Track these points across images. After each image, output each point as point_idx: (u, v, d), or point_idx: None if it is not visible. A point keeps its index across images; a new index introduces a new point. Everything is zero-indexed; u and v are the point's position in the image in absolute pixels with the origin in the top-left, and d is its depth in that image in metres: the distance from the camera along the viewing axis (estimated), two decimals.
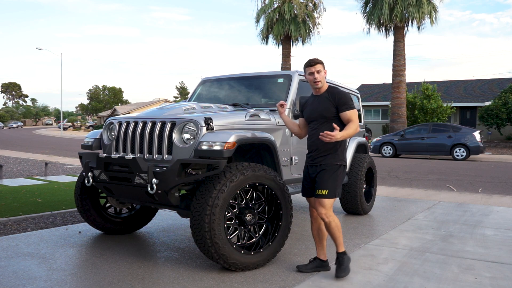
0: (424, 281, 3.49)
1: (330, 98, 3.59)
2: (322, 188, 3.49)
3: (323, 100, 3.62)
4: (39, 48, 41.80)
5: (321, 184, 3.51)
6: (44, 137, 36.59)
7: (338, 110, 3.55)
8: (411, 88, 29.18)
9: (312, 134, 3.67)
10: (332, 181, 3.50)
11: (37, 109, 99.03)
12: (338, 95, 3.58)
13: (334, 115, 3.57)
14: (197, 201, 3.50)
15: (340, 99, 3.55)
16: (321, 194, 3.48)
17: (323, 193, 3.48)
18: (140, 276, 3.52)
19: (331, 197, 3.49)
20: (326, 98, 3.61)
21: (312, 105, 3.69)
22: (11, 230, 5.05)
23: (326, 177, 3.52)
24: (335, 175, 3.53)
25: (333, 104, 3.56)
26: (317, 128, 3.61)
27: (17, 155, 16.48)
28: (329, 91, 3.65)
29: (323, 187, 3.49)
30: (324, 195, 3.47)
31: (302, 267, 3.69)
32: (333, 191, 3.50)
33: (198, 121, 3.70)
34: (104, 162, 3.87)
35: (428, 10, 23.50)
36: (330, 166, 3.55)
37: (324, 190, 3.48)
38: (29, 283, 3.33)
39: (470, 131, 17.02)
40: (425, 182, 10.11)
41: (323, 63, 3.66)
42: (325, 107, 3.58)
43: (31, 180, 9.11)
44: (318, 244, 3.75)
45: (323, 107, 3.60)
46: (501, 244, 4.64)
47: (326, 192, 3.47)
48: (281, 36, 27.58)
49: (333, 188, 3.50)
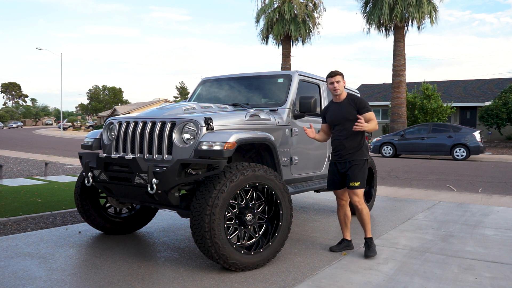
0: (424, 281, 3.49)
1: (351, 103, 4.20)
2: (355, 181, 4.14)
3: (345, 105, 4.21)
4: (39, 48, 41.81)
5: (353, 177, 4.15)
6: (44, 137, 36.59)
7: (358, 112, 4.13)
8: (411, 88, 29.16)
9: (338, 135, 4.23)
10: (361, 174, 4.17)
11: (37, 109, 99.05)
12: (358, 100, 4.22)
13: (355, 117, 4.11)
14: (197, 201, 3.50)
15: (360, 104, 4.19)
16: (355, 186, 4.15)
17: (356, 185, 4.15)
18: (140, 276, 3.52)
19: (362, 187, 4.18)
20: (348, 104, 4.21)
21: (335, 111, 4.26)
22: (11, 230, 5.05)
23: (356, 171, 4.15)
24: (363, 169, 4.20)
25: (355, 108, 4.17)
26: (342, 129, 4.18)
27: (17, 155, 16.48)
28: (349, 97, 4.25)
29: (355, 179, 4.14)
30: (357, 186, 4.15)
31: (334, 248, 4.31)
32: (363, 182, 4.20)
33: (198, 121, 3.70)
34: (104, 162, 3.87)
35: (428, 10, 23.49)
36: (358, 161, 4.18)
37: (357, 182, 4.14)
38: (29, 283, 3.33)
39: (470, 131, 17.01)
40: (425, 182, 10.11)
41: (343, 74, 4.26)
42: (348, 111, 4.17)
43: (31, 180, 9.11)
44: (344, 227, 4.40)
45: (346, 111, 4.18)
46: (501, 244, 4.64)
47: (358, 183, 4.15)
48: (281, 36, 27.57)
49: (363, 180, 4.19)
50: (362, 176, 4.18)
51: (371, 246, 4.19)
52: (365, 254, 4.14)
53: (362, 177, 4.19)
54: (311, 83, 5.26)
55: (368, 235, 4.25)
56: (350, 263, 3.92)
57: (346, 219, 4.38)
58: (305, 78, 5.12)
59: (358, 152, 4.20)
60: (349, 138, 4.18)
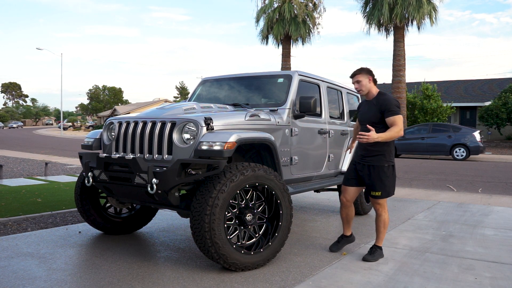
0: (424, 281, 3.49)
1: (376, 104, 3.92)
2: (376, 190, 3.95)
3: (372, 106, 3.97)
4: (39, 48, 41.80)
5: (374, 186, 3.95)
6: (44, 137, 36.59)
7: (383, 115, 3.86)
8: (411, 88, 29.17)
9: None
10: (383, 182, 3.92)
11: (37, 109, 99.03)
12: (384, 101, 3.88)
13: (380, 120, 3.88)
14: (197, 201, 3.50)
15: (386, 105, 3.85)
16: (376, 196, 3.97)
17: (377, 195, 3.96)
18: (140, 276, 3.52)
19: (384, 197, 3.96)
20: (374, 104, 3.96)
21: (364, 109, 4.09)
22: (11, 230, 5.05)
23: (377, 179, 3.93)
24: (385, 176, 3.93)
25: (379, 109, 3.89)
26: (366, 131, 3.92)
27: (17, 155, 16.48)
28: (377, 97, 3.98)
29: (377, 189, 3.94)
30: (378, 196, 3.96)
31: (333, 247, 4.22)
32: (386, 192, 3.95)
33: (198, 121, 3.70)
34: (104, 162, 3.87)
35: (428, 10, 23.49)
36: (379, 168, 3.93)
37: (378, 192, 3.95)
38: (29, 283, 3.33)
39: (470, 131, 17.01)
40: (425, 182, 10.11)
41: (364, 71, 3.98)
42: (373, 112, 3.94)
43: (31, 180, 9.11)
44: (345, 224, 4.28)
45: (371, 112, 3.95)
46: (501, 244, 4.64)
47: (380, 193, 3.94)
48: (281, 36, 27.56)
49: (385, 188, 3.93)
50: (384, 185, 3.93)
51: (375, 253, 4.02)
52: (364, 256, 4.01)
53: (385, 186, 3.93)
54: (311, 83, 5.26)
55: (379, 243, 4.09)
56: (350, 263, 3.92)
57: (349, 218, 4.27)
58: (305, 78, 5.12)
59: (379, 157, 3.94)
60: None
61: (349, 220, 4.28)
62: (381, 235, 4.07)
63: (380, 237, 4.08)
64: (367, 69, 4.03)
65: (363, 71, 4.00)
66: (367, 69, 4.03)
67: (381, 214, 4.04)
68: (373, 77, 4.03)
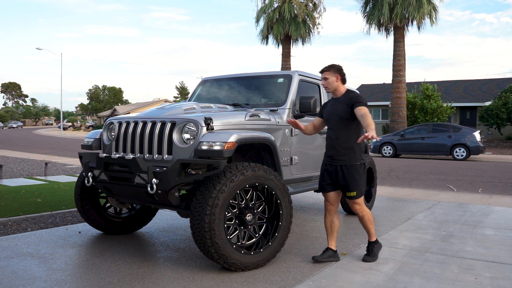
0: (424, 281, 3.49)
1: (345, 100, 3.87)
2: (351, 191, 3.87)
3: (340, 103, 3.91)
4: (39, 48, 41.82)
5: (347, 187, 3.87)
6: (44, 137, 36.59)
7: (352, 107, 3.79)
8: (411, 88, 29.17)
9: (329, 134, 3.98)
10: (357, 182, 3.85)
11: (37, 109, 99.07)
12: (353, 97, 3.86)
13: (350, 115, 3.82)
14: (197, 201, 3.50)
15: (355, 99, 3.82)
16: (352, 196, 3.89)
17: (353, 195, 3.88)
18: (140, 276, 3.52)
19: (359, 196, 3.90)
20: (343, 101, 3.90)
21: (332, 107, 3.99)
22: (11, 230, 5.05)
23: (351, 179, 3.85)
24: (358, 175, 3.86)
25: (349, 104, 3.82)
26: (335, 128, 3.91)
27: (17, 155, 16.48)
28: (346, 94, 3.94)
29: (351, 189, 3.87)
30: (354, 196, 3.88)
31: (317, 257, 3.94)
32: (360, 191, 3.89)
33: (198, 121, 3.70)
34: (104, 162, 3.87)
35: (428, 10, 23.50)
36: (351, 167, 3.85)
37: (353, 192, 3.87)
38: (29, 283, 3.33)
39: (470, 131, 17.01)
40: (425, 182, 10.11)
41: (333, 70, 3.94)
42: (343, 108, 3.86)
43: (31, 180, 9.11)
44: (330, 235, 4.04)
45: (341, 108, 3.88)
46: (501, 244, 4.64)
47: (355, 193, 3.87)
48: (281, 36, 27.57)
49: (359, 187, 3.88)
50: (359, 183, 3.86)
51: (372, 251, 4.00)
52: (364, 257, 3.99)
53: (359, 184, 3.87)
54: (311, 83, 5.25)
55: (372, 238, 4.06)
56: (350, 263, 3.92)
57: (333, 227, 4.02)
58: (305, 78, 5.12)
59: (350, 155, 3.85)
60: (340, 138, 3.87)
61: (333, 230, 4.03)
62: (371, 231, 4.04)
63: (370, 232, 4.04)
64: (337, 68, 3.96)
65: (332, 69, 3.94)
66: (337, 68, 3.96)
67: (362, 214, 3.97)
68: (342, 76, 3.96)
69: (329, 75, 3.94)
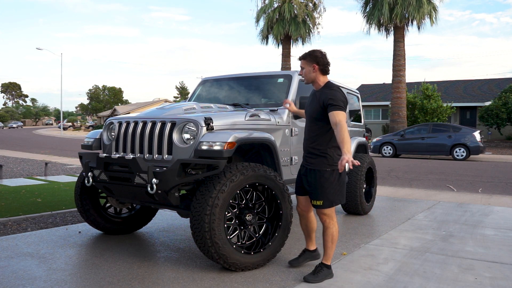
0: (424, 281, 3.49)
1: (319, 97, 3.35)
2: (317, 199, 3.39)
3: (314, 99, 3.44)
4: (39, 48, 41.82)
5: (314, 194, 3.41)
6: (44, 137, 36.58)
7: (324, 109, 3.30)
8: (411, 88, 29.18)
9: (304, 132, 3.61)
10: (324, 190, 3.35)
11: (37, 109, 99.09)
12: (327, 94, 3.27)
13: (321, 116, 3.33)
14: (197, 201, 3.50)
15: (329, 98, 3.24)
16: (317, 205, 3.41)
17: (319, 204, 3.39)
18: (140, 276, 3.52)
19: (327, 206, 3.37)
20: (316, 97, 3.41)
21: (309, 102, 3.58)
22: (11, 230, 5.05)
23: (318, 186, 3.36)
24: (327, 183, 3.33)
25: (321, 103, 3.31)
26: (308, 128, 3.54)
27: (17, 155, 16.48)
28: (322, 89, 3.39)
29: (317, 197, 3.39)
30: (319, 205, 3.39)
31: (293, 262, 3.76)
32: (328, 201, 3.36)
33: (198, 121, 3.70)
34: (104, 162, 3.87)
35: (428, 10, 23.51)
36: (320, 172, 3.36)
37: (319, 201, 3.38)
38: (29, 283, 3.33)
39: (470, 131, 17.01)
40: (425, 182, 10.11)
41: (309, 58, 3.38)
42: (314, 106, 3.41)
43: (31, 180, 9.11)
44: (307, 237, 3.82)
45: (313, 106, 3.43)
46: (501, 244, 4.64)
47: (321, 202, 3.37)
48: (281, 36, 27.59)
49: (327, 197, 3.35)
50: (326, 192, 3.32)
51: (319, 273, 3.37)
52: (305, 276, 3.40)
53: (327, 193, 3.32)
54: None
55: (326, 261, 3.45)
56: (350, 263, 3.91)
57: (310, 230, 3.74)
58: None
59: (320, 159, 3.36)
60: (310, 140, 3.46)
61: (309, 233, 3.74)
62: (329, 251, 3.45)
63: (328, 253, 3.45)
64: (314, 56, 3.36)
65: (308, 58, 3.38)
66: (314, 56, 3.36)
67: (328, 226, 3.42)
68: (320, 66, 3.36)
69: (304, 64, 3.40)
